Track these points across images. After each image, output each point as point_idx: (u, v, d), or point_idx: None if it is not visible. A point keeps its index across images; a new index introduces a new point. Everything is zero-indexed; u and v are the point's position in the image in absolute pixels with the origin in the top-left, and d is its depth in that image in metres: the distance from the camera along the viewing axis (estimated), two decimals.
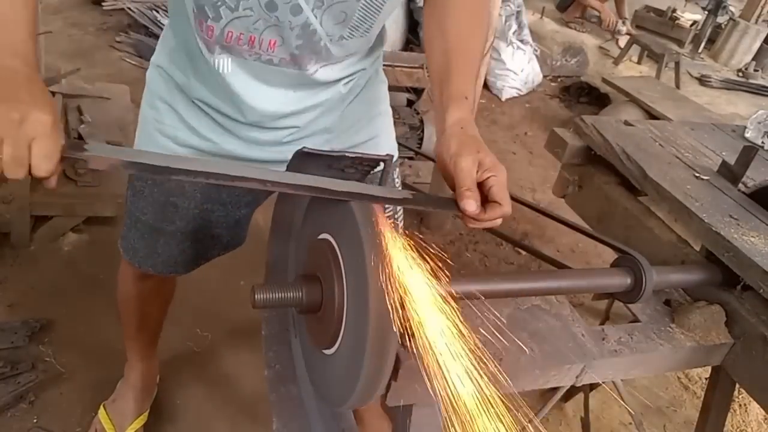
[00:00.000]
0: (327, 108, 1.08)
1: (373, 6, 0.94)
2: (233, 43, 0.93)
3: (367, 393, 0.69)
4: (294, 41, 0.93)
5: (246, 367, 1.89)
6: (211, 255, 1.30)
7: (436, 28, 0.98)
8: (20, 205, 2.02)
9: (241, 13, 0.89)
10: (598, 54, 5.57)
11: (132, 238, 1.24)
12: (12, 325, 1.79)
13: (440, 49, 0.95)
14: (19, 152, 0.65)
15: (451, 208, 0.81)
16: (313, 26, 0.91)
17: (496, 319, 0.95)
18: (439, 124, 0.89)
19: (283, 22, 0.90)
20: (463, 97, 0.89)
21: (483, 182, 0.80)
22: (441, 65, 0.94)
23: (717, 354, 1.11)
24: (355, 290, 0.69)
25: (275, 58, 0.96)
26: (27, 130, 0.65)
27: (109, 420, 1.57)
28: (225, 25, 0.90)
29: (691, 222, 1.21)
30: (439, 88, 0.92)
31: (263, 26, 0.90)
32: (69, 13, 4.17)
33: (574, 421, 1.95)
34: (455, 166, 0.80)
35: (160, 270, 1.26)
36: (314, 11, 0.90)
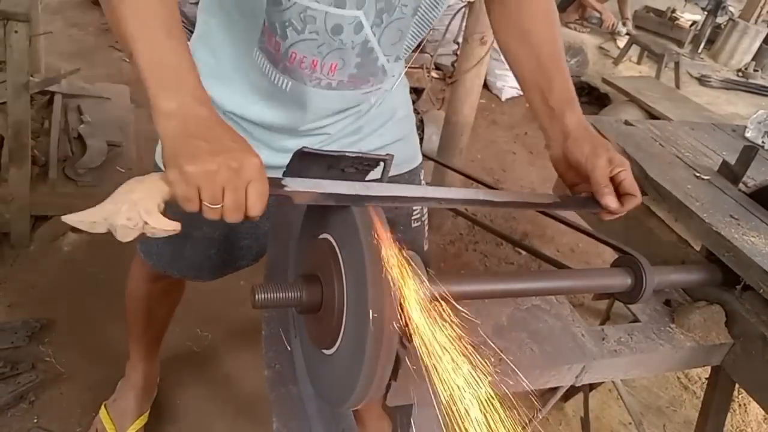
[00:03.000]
0: (358, 115, 1.11)
1: (425, 20, 0.95)
2: (296, 65, 0.93)
3: (367, 393, 0.69)
4: (353, 60, 0.94)
5: (246, 367, 1.89)
6: (240, 265, 1.30)
7: (515, 33, 1.01)
8: (20, 205, 2.03)
9: (307, 36, 0.89)
10: (598, 54, 5.56)
11: (155, 243, 1.23)
12: (12, 325, 1.79)
13: (529, 54, 0.99)
14: (239, 198, 0.68)
15: (591, 206, 0.90)
16: (371, 44, 0.92)
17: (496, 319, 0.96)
18: (556, 128, 0.94)
19: (345, 44, 0.91)
20: (572, 99, 0.96)
21: (614, 177, 0.88)
22: (535, 71, 0.98)
23: (717, 354, 1.10)
24: (355, 290, 0.69)
25: (334, 82, 0.97)
26: (244, 176, 0.67)
27: (110, 420, 1.57)
28: (290, 45, 0.91)
29: (691, 222, 1.21)
30: (540, 95, 0.97)
31: (327, 50, 0.91)
32: (69, 13, 4.17)
33: (574, 421, 1.95)
34: (592, 166, 0.88)
35: (186, 273, 1.26)
36: (373, 29, 0.91)
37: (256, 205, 0.69)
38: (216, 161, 0.66)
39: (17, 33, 1.77)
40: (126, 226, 0.64)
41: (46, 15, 3.71)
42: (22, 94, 1.88)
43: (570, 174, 0.95)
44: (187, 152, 0.66)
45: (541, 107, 0.98)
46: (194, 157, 0.66)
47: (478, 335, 0.92)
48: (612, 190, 0.88)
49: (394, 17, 0.91)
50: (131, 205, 0.65)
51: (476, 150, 3.70)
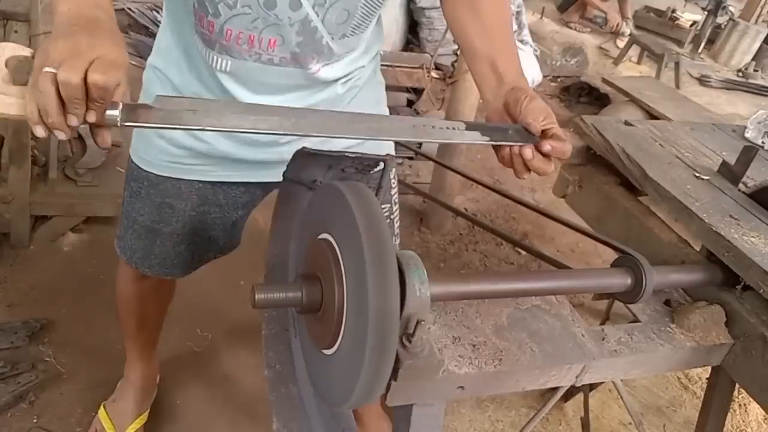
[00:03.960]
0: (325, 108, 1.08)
1: (376, 3, 0.94)
2: (232, 42, 0.93)
3: (367, 393, 0.69)
4: (294, 38, 0.93)
5: (246, 367, 1.89)
6: (207, 258, 1.30)
7: (465, 5, 1.01)
8: (20, 205, 2.02)
9: (240, 11, 0.88)
10: (598, 54, 5.57)
11: (129, 239, 1.24)
12: (12, 325, 1.79)
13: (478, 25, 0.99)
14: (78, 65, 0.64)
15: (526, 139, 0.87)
16: (313, 23, 0.91)
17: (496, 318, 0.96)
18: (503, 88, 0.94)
19: (282, 20, 0.89)
20: (521, 69, 0.97)
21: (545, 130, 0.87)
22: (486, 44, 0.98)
23: (717, 354, 1.10)
24: (355, 290, 0.69)
25: (275, 58, 0.95)
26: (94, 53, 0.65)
27: (109, 420, 1.57)
28: (224, 22, 0.90)
29: (691, 222, 1.21)
30: (490, 64, 0.97)
31: (262, 25, 0.90)
32: None
33: (574, 421, 1.95)
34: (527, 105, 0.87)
35: (157, 271, 1.26)
36: (315, 9, 0.90)
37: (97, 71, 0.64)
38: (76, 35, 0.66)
39: (17, 33, 1.77)
40: None
41: (46, 15, 3.70)
42: None
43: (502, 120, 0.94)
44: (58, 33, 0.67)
45: (489, 74, 0.97)
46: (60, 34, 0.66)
47: (479, 335, 0.92)
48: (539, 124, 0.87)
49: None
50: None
51: (476, 150, 3.70)
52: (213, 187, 1.16)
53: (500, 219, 3.04)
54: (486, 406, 1.90)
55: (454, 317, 0.94)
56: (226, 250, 1.31)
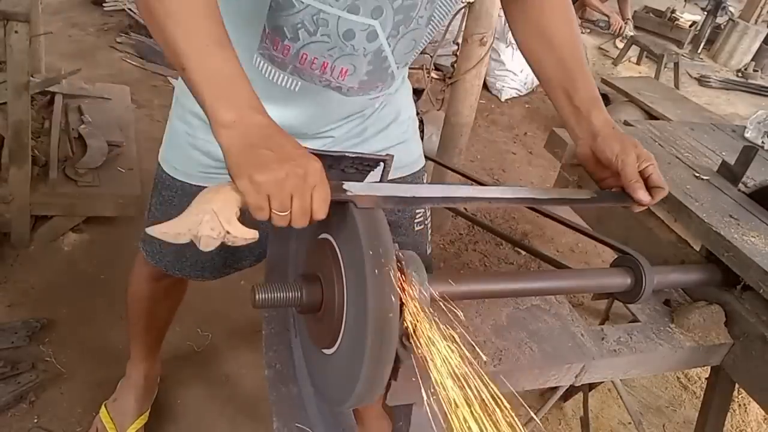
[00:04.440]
0: (363, 118, 1.12)
1: (437, 28, 0.97)
2: (306, 66, 0.94)
3: (367, 393, 0.69)
4: (365, 68, 0.95)
5: (246, 367, 1.89)
6: (242, 265, 1.30)
7: (537, 35, 1.04)
8: (20, 205, 2.03)
9: (319, 39, 0.90)
10: (597, 54, 5.57)
11: (158, 243, 1.24)
12: (12, 325, 1.79)
13: (551, 55, 1.02)
14: (305, 203, 0.69)
15: (623, 201, 0.95)
16: (384, 53, 0.94)
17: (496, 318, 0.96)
18: (584, 128, 0.99)
19: (357, 50, 0.91)
20: (597, 98, 1.00)
21: (642, 171, 0.93)
22: (559, 72, 1.01)
23: (716, 354, 1.11)
24: (355, 290, 0.69)
25: (344, 87, 0.98)
26: (309, 182, 0.69)
27: (110, 419, 1.57)
28: (301, 47, 0.92)
29: (690, 222, 1.21)
30: (565, 95, 1.01)
31: (338, 54, 0.92)
32: (70, 14, 4.17)
33: (574, 421, 1.95)
34: (623, 164, 0.93)
35: (188, 273, 1.26)
36: (389, 40, 0.92)
37: (321, 209, 0.70)
38: (284, 169, 0.67)
39: (17, 33, 1.77)
40: (209, 236, 0.66)
41: (46, 15, 3.70)
42: (22, 95, 1.88)
43: (599, 170, 1.00)
44: (254, 162, 0.68)
45: (566, 107, 1.01)
46: (262, 166, 0.67)
47: (478, 334, 0.93)
48: (642, 185, 0.93)
49: (410, 28, 0.92)
50: (212, 215, 0.66)
51: (476, 150, 3.70)
52: None
53: (500, 219, 3.04)
54: None
55: (454, 317, 0.94)
56: (261, 258, 1.31)
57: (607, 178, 0.99)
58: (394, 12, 0.88)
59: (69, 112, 2.48)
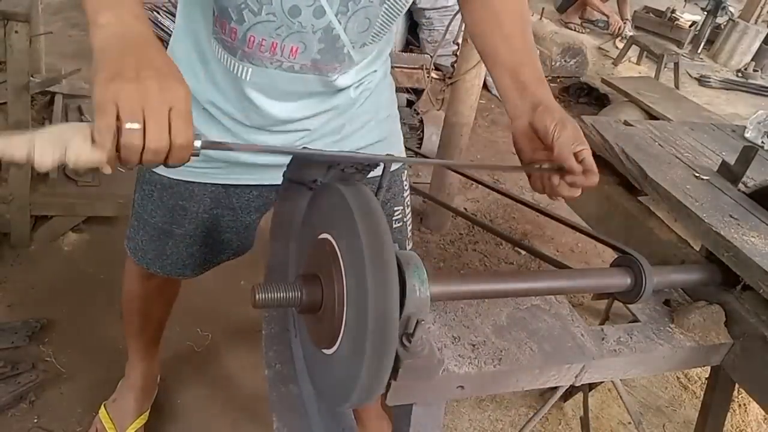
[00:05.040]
0: (338, 112, 1.09)
1: (394, 9, 0.94)
2: (255, 49, 0.93)
3: (367, 393, 0.69)
4: (316, 46, 0.93)
5: (246, 367, 1.89)
6: (220, 259, 1.30)
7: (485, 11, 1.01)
8: (20, 205, 2.03)
9: (264, 18, 0.88)
10: (597, 54, 5.57)
11: (140, 240, 1.24)
12: (12, 325, 1.79)
13: (499, 33, 0.99)
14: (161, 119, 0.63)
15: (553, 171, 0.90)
16: (336, 31, 0.92)
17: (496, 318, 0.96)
18: (526, 102, 0.93)
19: (305, 27, 0.90)
20: (543, 77, 0.96)
21: (576, 154, 0.87)
22: (507, 50, 0.98)
23: (716, 354, 1.11)
24: (355, 290, 0.69)
25: (296, 65, 0.96)
26: (168, 97, 0.64)
27: (110, 419, 1.57)
28: (247, 29, 0.90)
29: (690, 222, 1.21)
30: (511, 73, 0.97)
31: (286, 32, 0.90)
32: (69, 14, 4.17)
33: (574, 421, 1.95)
34: (559, 135, 0.87)
35: (169, 271, 1.26)
36: (338, 17, 0.90)
37: (182, 131, 0.64)
38: (140, 77, 0.62)
39: (17, 33, 1.77)
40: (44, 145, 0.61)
41: (46, 15, 3.70)
42: (22, 95, 1.88)
43: (530, 147, 0.93)
44: (112, 66, 0.64)
45: (511, 84, 0.96)
46: (117, 70, 0.63)
47: (478, 334, 0.93)
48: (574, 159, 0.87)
49: (360, 5, 0.90)
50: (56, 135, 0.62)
51: (476, 150, 3.70)
52: (226, 190, 1.16)
53: (500, 219, 3.04)
54: (486, 405, 1.90)
55: (454, 317, 0.95)
56: (239, 253, 1.31)
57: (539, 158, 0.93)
58: None
59: (69, 112, 2.48)
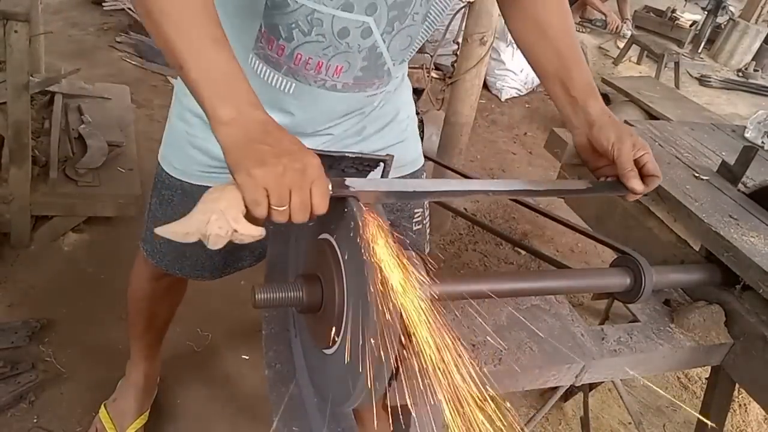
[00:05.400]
0: (362, 116, 1.11)
1: (432, 25, 0.97)
2: (301, 66, 0.94)
3: (367, 393, 0.69)
4: (359, 64, 0.95)
5: (246, 367, 1.89)
6: (242, 265, 1.30)
7: (531, 25, 1.04)
8: (20, 205, 2.03)
9: (313, 38, 0.90)
10: (598, 54, 5.57)
11: (158, 243, 1.24)
12: (12, 325, 1.79)
13: (547, 46, 1.03)
14: (305, 198, 0.69)
15: (618, 190, 0.96)
16: (379, 49, 0.94)
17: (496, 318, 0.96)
18: (580, 117, 1.00)
19: (352, 48, 0.91)
20: (593, 88, 1.00)
21: (637, 160, 0.94)
22: (555, 63, 1.02)
23: (717, 354, 1.11)
24: (355, 290, 0.69)
25: (339, 84, 0.98)
26: (308, 176, 0.69)
27: (110, 419, 1.57)
28: (296, 47, 0.92)
29: (690, 222, 1.21)
30: (562, 86, 1.01)
31: (333, 52, 0.92)
32: (69, 14, 4.17)
33: (574, 421, 1.95)
34: (618, 152, 0.93)
35: (188, 273, 1.26)
36: (383, 36, 0.92)
37: (321, 204, 0.70)
38: (281, 163, 0.67)
39: (17, 33, 1.77)
40: (218, 235, 0.67)
41: (46, 15, 3.70)
42: (22, 94, 1.88)
43: (594, 159, 1.00)
44: (252, 157, 0.68)
45: (563, 97, 1.01)
46: (260, 161, 0.67)
47: (478, 334, 0.93)
48: (637, 173, 0.93)
49: (405, 24, 0.92)
50: (220, 214, 0.67)
51: (476, 150, 3.70)
52: None
53: (500, 219, 3.04)
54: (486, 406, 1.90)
55: (454, 317, 0.95)
56: (260, 258, 1.31)
57: (603, 167, 1.00)
58: (388, 8, 0.88)
59: (69, 112, 2.48)
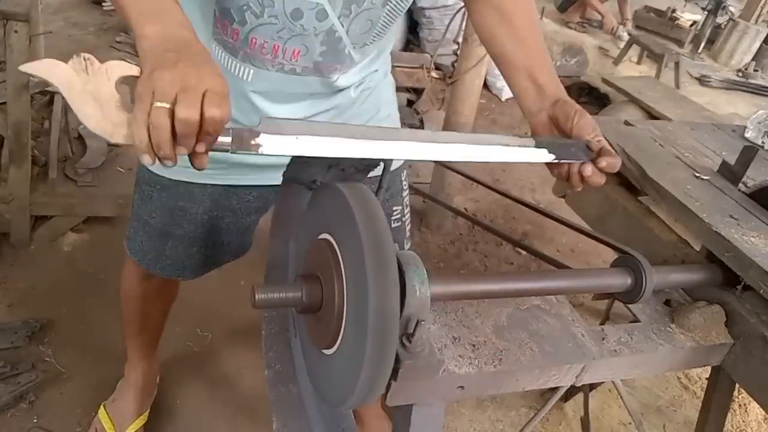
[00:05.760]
0: (339, 111, 1.10)
1: (396, 10, 0.95)
2: (257, 51, 0.93)
3: (367, 393, 0.69)
4: (318, 48, 0.93)
5: (246, 367, 1.89)
6: (220, 261, 1.30)
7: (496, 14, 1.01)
8: (20, 205, 2.03)
9: (266, 20, 0.89)
10: (598, 54, 5.56)
11: (140, 241, 1.24)
12: (12, 325, 1.79)
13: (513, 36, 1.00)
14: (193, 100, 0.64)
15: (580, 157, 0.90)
16: (338, 33, 0.92)
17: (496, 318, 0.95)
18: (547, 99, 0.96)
19: (307, 30, 0.90)
20: (559, 81, 0.99)
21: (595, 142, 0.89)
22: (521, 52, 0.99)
23: (717, 354, 1.10)
24: (355, 290, 0.69)
25: (298, 68, 0.96)
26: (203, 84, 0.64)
27: (109, 420, 1.57)
28: (249, 30, 0.91)
29: (691, 222, 1.21)
30: (529, 75, 0.98)
31: (287, 35, 0.91)
32: (69, 13, 4.18)
33: (574, 421, 1.95)
34: (578, 120, 0.90)
35: (168, 272, 1.26)
36: (341, 19, 0.90)
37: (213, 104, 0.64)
38: (176, 65, 0.64)
39: (17, 33, 1.77)
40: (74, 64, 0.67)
41: (46, 15, 3.71)
42: (22, 94, 1.88)
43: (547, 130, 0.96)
44: (157, 61, 0.65)
45: (529, 86, 0.98)
46: (158, 63, 0.65)
47: (478, 334, 0.92)
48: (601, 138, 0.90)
49: (363, 7, 0.90)
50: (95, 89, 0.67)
51: None
52: (225, 191, 1.16)
53: (500, 219, 3.04)
54: (486, 406, 1.90)
55: (454, 317, 0.94)
56: (238, 255, 1.32)
57: None
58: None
59: (69, 112, 2.48)
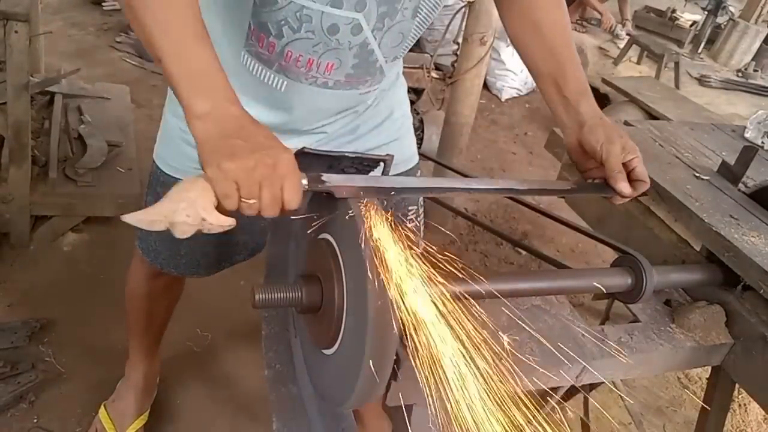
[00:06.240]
0: (356, 114, 1.11)
1: (425, 21, 0.97)
2: (291, 64, 0.94)
3: (367, 393, 0.69)
4: (350, 61, 0.94)
5: (246, 367, 1.89)
6: (236, 260, 1.31)
7: (527, 23, 1.03)
8: (20, 205, 2.03)
9: (303, 35, 0.90)
10: (598, 54, 5.56)
11: (153, 241, 1.24)
12: (12, 325, 1.79)
13: (541, 45, 1.02)
14: (275, 192, 0.69)
15: (605, 191, 0.95)
16: (371, 46, 0.93)
17: (496, 318, 0.95)
18: (572, 118, 0.99)
19: (342, 44, 0.91)
20: (586, 89, 1.00)
21: (626, 163, 0.93)
22: (549, 62, 1.01)
23: (717, 354, 1.10)
24: (355, 290, 0.69)
25: (330, 81, 0.97)
26: (279, 171, 0.69)
27: (110, 420, 1.57)
28: (286, 44, 0.92)
29: (691, 222, 1.21)
30: (555, 86, 1.00)
31: (323, 49, 0.92)
32: (69, 13, 4.17)
33: (574, 421, 1.95)
34: (607, 154, 0.93)
35: (182, 271, 1.26)
36: (374, 33, 0.91)
37: (292, 198, 0.70)
38: (252, 157, 0.67)
39: (17, 33, 1.77)
40: (185, 223, 0.67)
41: (46, 15, 3.71)
42: (22, 94, 1.88)
43: (584, 160, 1.00)
44: (224, 151, 0.68)
45: (555, 97, 1.01)
46: (231, 154, 0.68)
47: (478, 335, 0.92)
48: (625, 176, 0.93)
49: (395, 21, 0.92)
50: (189, 203, 0.67)
51: (476, 150, 3.70)
52: None
53: (500, 219, 3.04)
54: None
55: None
56: (254, 253, 1.32)
57: (592, 169, 0.99)
58: (377, 4, 0.87)
59: (69, 112, 2.48)
